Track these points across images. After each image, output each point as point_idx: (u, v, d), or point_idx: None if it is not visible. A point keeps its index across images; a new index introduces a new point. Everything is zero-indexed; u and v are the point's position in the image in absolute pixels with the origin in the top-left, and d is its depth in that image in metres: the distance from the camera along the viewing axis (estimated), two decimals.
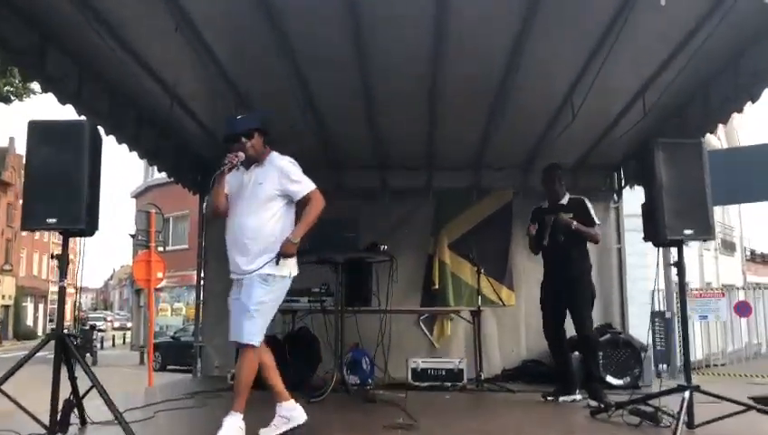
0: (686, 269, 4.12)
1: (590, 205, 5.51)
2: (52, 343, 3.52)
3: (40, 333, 44.30)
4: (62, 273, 3.64)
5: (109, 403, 3.40)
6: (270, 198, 3.82)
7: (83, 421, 3.79)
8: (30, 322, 45.85)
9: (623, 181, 7.69)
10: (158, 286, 27.31)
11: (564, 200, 5.57)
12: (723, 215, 26.14)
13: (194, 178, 7.48)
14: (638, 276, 8.95)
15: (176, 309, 29.70)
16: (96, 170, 3.70)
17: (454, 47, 4.78)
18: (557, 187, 5.57)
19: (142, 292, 26.48)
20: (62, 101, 4.78)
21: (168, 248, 23.51)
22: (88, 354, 22.67)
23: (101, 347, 29.03)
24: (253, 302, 3.68)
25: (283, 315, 6.26)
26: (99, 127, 4.09)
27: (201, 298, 7.72)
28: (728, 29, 4.27)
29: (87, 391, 3.54)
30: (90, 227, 3.62)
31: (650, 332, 16.19)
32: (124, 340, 38.10)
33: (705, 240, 4.18)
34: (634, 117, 5.82)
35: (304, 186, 3.89)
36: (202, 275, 7.73)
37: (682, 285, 4.10)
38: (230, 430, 3.54)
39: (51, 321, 47.10)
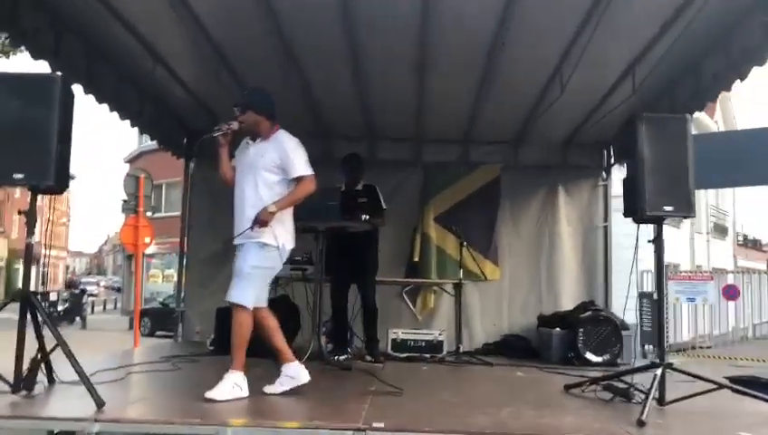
0: (676, 252, 4.10)
1: (379, 191, 6.10)
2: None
3: None
4: (30, 230, 3.57)
5: (73, 362, 3.35)
6: (268, 171, 4.03)
7: (51, 380, 3.74)
8: (21, 284, 45.64)
9: (612, 159, 7.64)
10: (150, 253, 27.36)
11: (359, 186, 6.09)
12: (717, 199, 26.18)
13: (178, 143, 7.41)
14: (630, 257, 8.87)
15: (167, 276, 29.60)
16: (67, 126, 3.60)
17: (441, 15, 4.70)
18: (356, 174, 6.13)
19: (134, 257, 26.42)
20: (35, 55, 4.62)
21: (160, 215, 23.40)
22: (77, 318, 22.79)
23: (92, 311, 29.10)
24: (246, 265, 3.92)
25: None
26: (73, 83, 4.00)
27: (184, 264, 7.70)
28: (718, 5, 4.21)
29: (52, 349, 3.48)
30: (59, 184, 3.53)
31: (638, 312, 16.36)
32: (115, 305, 38.17)
33: (685, 217, 4.14)
34: (624, 93, 5.76)
35: (300, 167, 4.04)
36: (186, 241, 7.71)
37: (660, 263, 4.07)
38: (225, 386, 3.70)
39: (42, 284, 47.03)
